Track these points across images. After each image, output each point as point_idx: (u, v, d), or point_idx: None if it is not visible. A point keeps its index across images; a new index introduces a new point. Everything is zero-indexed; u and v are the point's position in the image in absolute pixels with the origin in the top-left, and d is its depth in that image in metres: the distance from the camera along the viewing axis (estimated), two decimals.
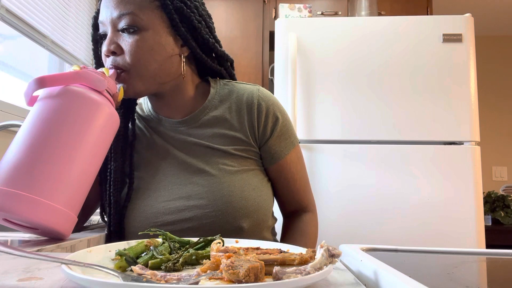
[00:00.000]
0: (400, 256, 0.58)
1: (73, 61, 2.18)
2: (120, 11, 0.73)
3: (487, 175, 3.48)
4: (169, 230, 0.74)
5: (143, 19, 0.73)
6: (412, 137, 1.75)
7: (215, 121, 0.82)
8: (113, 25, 0.74)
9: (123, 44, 0.74)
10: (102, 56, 0.77)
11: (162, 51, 0.75)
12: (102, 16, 0.76)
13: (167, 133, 0.83)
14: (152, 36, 0.74)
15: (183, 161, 0.80)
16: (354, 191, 1.72)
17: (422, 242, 1.65)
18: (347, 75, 1.80)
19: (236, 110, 0.82)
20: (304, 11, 2.27)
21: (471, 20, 1.80)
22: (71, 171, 0.60)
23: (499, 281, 0.49)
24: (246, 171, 0.80)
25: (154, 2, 0.75)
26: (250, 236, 0.77)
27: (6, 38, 1.78)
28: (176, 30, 0.77)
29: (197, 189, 0.77)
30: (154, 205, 0.77)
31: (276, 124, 0.83)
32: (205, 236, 0.67)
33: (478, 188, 1.70)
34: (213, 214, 0.75)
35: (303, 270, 0.38)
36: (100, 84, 0.66)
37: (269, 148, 0.83)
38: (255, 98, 0.82)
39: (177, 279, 0.39)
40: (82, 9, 2.28)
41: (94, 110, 0.64)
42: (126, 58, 0.73)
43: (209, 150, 0.80)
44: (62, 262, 0.39)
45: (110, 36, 0.74)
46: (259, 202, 0.79)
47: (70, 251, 0.64)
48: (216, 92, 0.85)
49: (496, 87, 3.60)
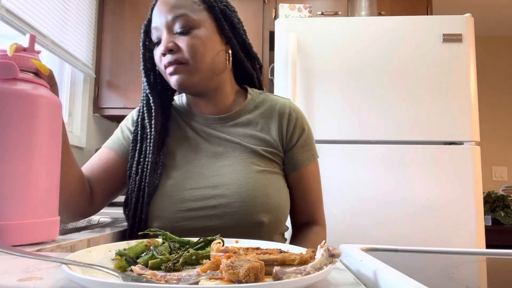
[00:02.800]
0: (400, 256, 0.58)
1: (73, 61, 2.18)
2: (174, 15, 0.82)
3: (487, 175, 3.47)
4: (193, 216, 0.79)
5: (195, 20, 0.83)
6: (412, 137, 1.75)
7: (248, 123, 0.90)
8: (168, 28, 0.83)
9: (179, 42, 0.82)
10: (157, 56, 0.85)
11: (213, 46, 0.85)
12: (156, 22, 0.84)
13: (200, 127, 0.90)
14: (203, 34, 0.83)
15: (213, 154, 0.86)
16: (354, 191, 1.72)
17: (422, 242, 1.65)
18: (347, 75, 1.80)
19: (268, 117, 0.90)
20: (304, 11, 2.27)
21: (471, 20, 1.80)
22: (32, 182, 0.55)
23: (499, 281, 0.49)
24: (270, 172, 0.86)
25: (202, 5, 0.85)
26: (269, 232, 0.83)
27: (6, 38, 1.78)
28: (221, 29, 0.87)
29: (224, 181, 0.82)
30: (181, 192, 0.82)
31: (302, 134, 0.91)
32: (227, 224, 0.76)
33: (478, 188, 1.70)
34: (237, 204, 0.79)
35: (303, 270, 0.38)
36: (7, 71, 0.55)
37: (292, 155, 0.90)
38: (287, 108, 0.91)
39: (177, 279, 0.39)
40: (82, 9, 2.28)
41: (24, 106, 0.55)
42: (184, 54, 0.82)
43: (238, 147, 0.86)
44: (62, 262, 0.39)
45: (166, 37, 0.82)
46: (280, 201, 0.84)
47: (70, 251, 0.64)
48: (252, 99, 0.94)
49: (496, 87, 3.60)
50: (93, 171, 0.86)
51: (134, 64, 2.42)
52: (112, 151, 0.89)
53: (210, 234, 0.76)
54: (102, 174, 0.87)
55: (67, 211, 0.82)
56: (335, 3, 2.43)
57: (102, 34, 2.47)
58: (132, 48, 2.44)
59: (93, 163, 0.88)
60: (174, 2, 0.83)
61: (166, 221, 0.80)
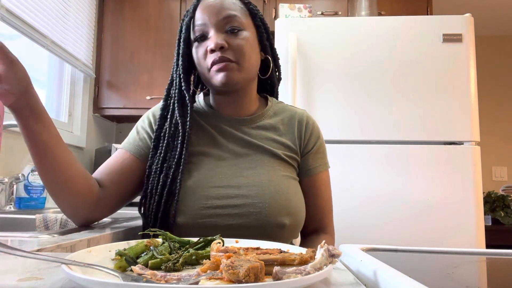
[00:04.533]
0: (400, 256, 0.58)
1: (73, 61, 2.18)
2: (225, 14, 0.85)
3: (487, 175, 3.47)
4: (217, 213, 0.80)
5: (243, 22, 0.88)
6: (412, 137, 1.75)
7: (269, 127, 0.93)
8: (218, 26, 0.85)
9: (229, 40, 0.85)
10: (201, 53, 0.86)
11: (256, 51, 0.90)
12: (203, 20, 0.86)
13: (224, 128, 0.91)
14: (250, 36, 0.88)
15: (236, 155, 0.88)
16: (354, 191, 1.72)
17: (422, 242, 1.65)
18: (347, 75, 1.80)
19: (287, 123, 0.95)
20: (304, 11, 2.27)
21: (471, 20, 1.80)
22: None
23: (499, 281, 0.49)
24: (289, 178, 0.88)
25: (247, 11, 0.90)
26: (289, 234, 0.84)
27: (6, 38, 1.78)
28: (260, 37, 0.92)
29: (247, 182, 0.84)
30: (205, 189, 0.82)
31: (317, 141, 0.96)
32: (250, 224, 0.80)
33: (478, 188, 1.70)
34: (260, 205, 0.81)
35: (303, 270, 0.38)
36: None
37: (307, 160, 0.93)
38: (305, 117, 0.97)
39: (177, 279, 0.39)
40: (82, 9, 2.28)
41: None
42: (235, 52, 0.85)
43: (261, 149, 0.89)
44: (62, 262, 0.39)
45: (216, 34, 0.85)
46: (299, 206, 0.87)
47: (70, 251, 0.64)
48: (272, 106, 0.98)
49: (496, 87, 3.60)
50: (108, 173, 0.85)
51: (134, 64, 2.42)
52: (128, 152, 0.88)
53: (233, 232, 0.78)
54: (118, 175, 0.85)
55: (74, 213, 0.82)
56: (335, 3, 2.43)
57: (102, 34, 2.47)
58: (132, 48, 2.44)
59: (108, 164, 0.87)
60: (226, 3, 0.87)
61: (189, 216, 0.80)
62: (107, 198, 0.84)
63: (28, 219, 1.16)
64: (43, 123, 0.72)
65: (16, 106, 0.68)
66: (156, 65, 2.40)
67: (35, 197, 1.57)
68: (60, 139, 0.76)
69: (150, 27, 2.45)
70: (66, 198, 0.78)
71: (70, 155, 0.77)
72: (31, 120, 0.70)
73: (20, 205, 1.52)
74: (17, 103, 0.68)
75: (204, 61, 0.86)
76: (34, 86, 0.72)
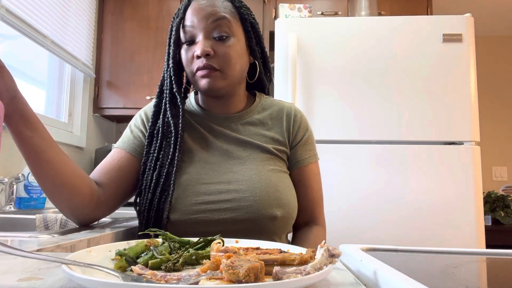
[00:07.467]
0: (400, 256, 0.58)
1: (73, 61, 2.18)
2: (215, 18, 0.85)
3: (487, 175, 3.47)
4: (208, 208, 0.81)
5: (233, 27, 0.87)
6: (412, 137, 1.75)
7: (258, 122, 0.94)
8: (206, 31, 0.85)
9: (216, 48, 0.85)
10: (188, 57, 0.87)
11: (244, 56, 0.90)
12: (192, 21, 0.86)
13: (212, 126, 0.92)
14: (238, 43, 0.88)
15: (225, 152, 0.89)
16: (354, 191, 1.72)
17: (422, 242, 1.65)
18: (347, 75, 1.80)
19: (275, 117, 0.96)
20: (304, 11, 2.27)
21: (471, 20, 1.80)
22: None
23: (499, 281, 0.49)
24: (280, 171, 0.89)
25: (237, 16, 0.89)
26: (281, 227, 0.85)
27: (6, 38, 1.78)
28: (249, 41, 0.92)
29: (237, 177, 0.85)
30: (196, 186, 0.84)
31: (305, 134, 0.97)
32: (242, 217, 0.81)
33: (478, 188, 1.70)
34: (251, 198, 0.82)
35: (303, 270, 0.38)
36: None
37: (296, 152, 0.94)
38: (293, 110, 0.98)
39: (177, 279, 0.39)
40: (82, 9, 2.28)
41: None
42: (220, 59, 0.85)
43: (249, 145, 0.90)
44: (62, 262, 0.39)
45: (203, 41, 0.85)
46: (290, 198, 0.88)
47: (70, 251, 0.65)
48: (260, 101, 0.99)
49: (496, 87, 3.60)
50: (105, 171, 0.86)
51: (134, 64, 2.42)
52: (124, 150, 0.90)
53: (225, 226, 0.80)
54: (116, 173, 0.87)
55: (74, 213, 0.82)
56: (335, 3, 2.43)
57: (102, 34, 2.47)
58: (132, 48, 2.44)
59: (105, 163, 0.88)
60: (216, 7, 0.86)
61: (182, 213, 0.82)
62: (107, 197, 0.85)
63: (28, 219, 1.16)
64: (34, 127, 0.71)
65: (5, 113, 0.68)
66: (156, 65, 2.40)
67: (35, 197, 1.57)
68: (53, 142, 0.76)
69: (150, 27, 2.45)
70: (64, 199, 0.78)
71: (64, 157, 0.78)
72: (21, 125, 0.70)
73: (20, 205, 1.52)
74: (6, 110, 0.68)
75: (190, 65, 0.87)
76: (34, 86, 0.72)
